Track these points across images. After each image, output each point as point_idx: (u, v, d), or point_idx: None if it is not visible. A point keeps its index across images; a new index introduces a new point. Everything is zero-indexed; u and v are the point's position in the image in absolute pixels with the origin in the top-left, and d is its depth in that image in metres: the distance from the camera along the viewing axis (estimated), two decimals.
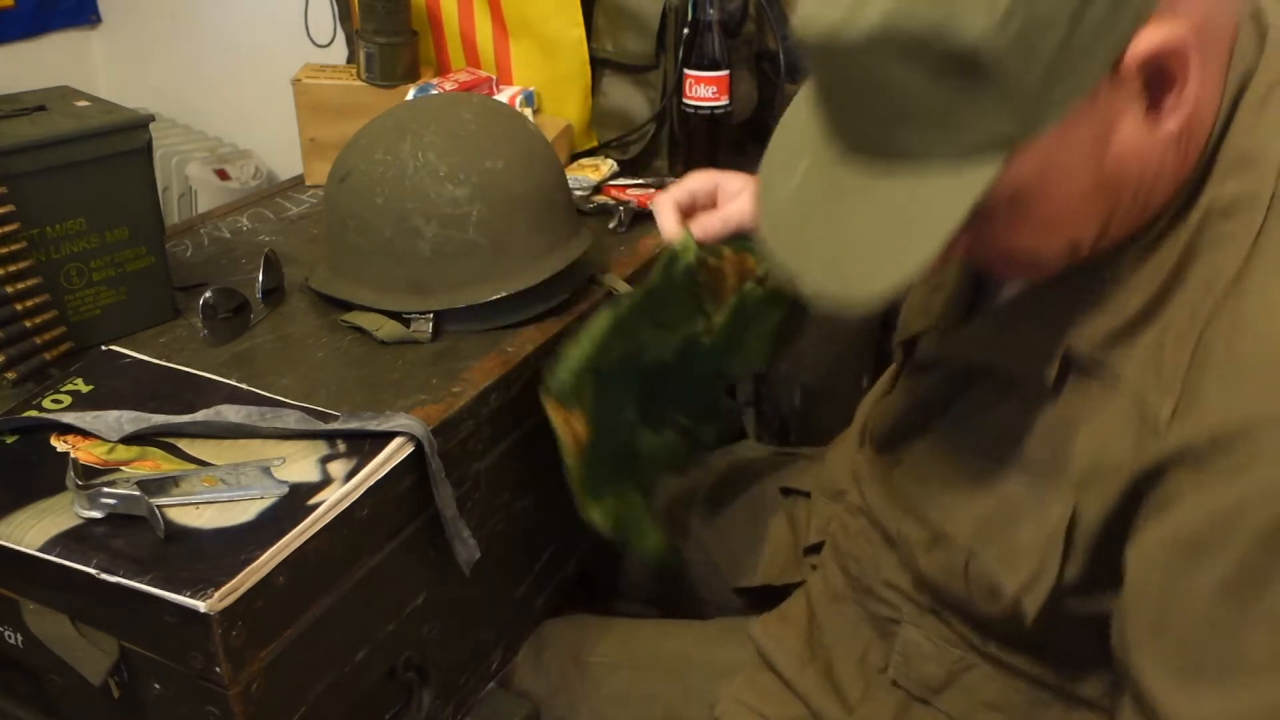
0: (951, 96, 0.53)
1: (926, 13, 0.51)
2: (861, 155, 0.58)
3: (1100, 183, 0.58)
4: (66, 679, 0.75)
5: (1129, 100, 0.56)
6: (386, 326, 0.99)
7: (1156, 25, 0.53)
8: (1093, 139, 0.56)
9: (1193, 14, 0.54)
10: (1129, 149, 0.57)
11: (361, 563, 0.81)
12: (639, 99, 1.43)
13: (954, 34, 0.51)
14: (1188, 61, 0.54)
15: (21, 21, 2.19)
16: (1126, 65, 0.53)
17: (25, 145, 0.89)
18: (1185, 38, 0.53)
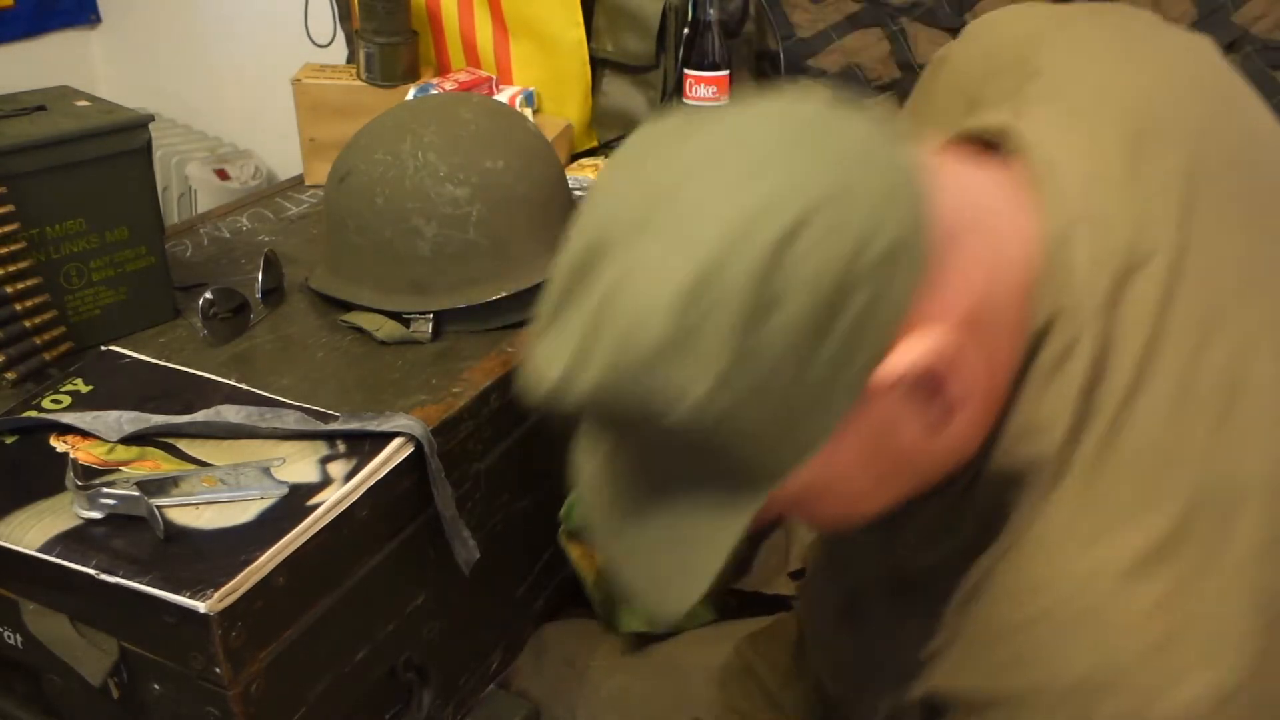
0: (686, 452, 0.50)
1: (632, 389, 0.47)
2: (640, 491, 0.56)
3: (886, 474, 0.56)
4: (66, 679, 0.75)
5: (897, 410, 0.51)
6: (386, 326, 0.99)
7: (910, 340, 0.48)
8: (863, 450, 0.53)
9: (959, 306, 0.50)
10: (909, 448, 0.54)
11: (361, 563, 0.80)
12: (639, 99, 1.43)
13: (663, 413, 0.47)
14: (952, 367, 0.50)
15: (21, 21, 2.18)
16: (878, 387, 0.49)
17: (25, 145, 0.89)
18: (944, 345, 0.49)
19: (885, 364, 0.48)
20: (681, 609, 0.55)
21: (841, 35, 1.48)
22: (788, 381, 0.47)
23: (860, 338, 0.47)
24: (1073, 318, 0.51)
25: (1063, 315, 0.52)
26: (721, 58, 1.35)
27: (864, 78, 1.49)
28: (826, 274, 0.46)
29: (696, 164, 0.48)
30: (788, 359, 0.46)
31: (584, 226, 0.50)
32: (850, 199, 0.46)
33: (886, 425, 0.52)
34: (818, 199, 0.46)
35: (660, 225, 0.47)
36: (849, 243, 0.46)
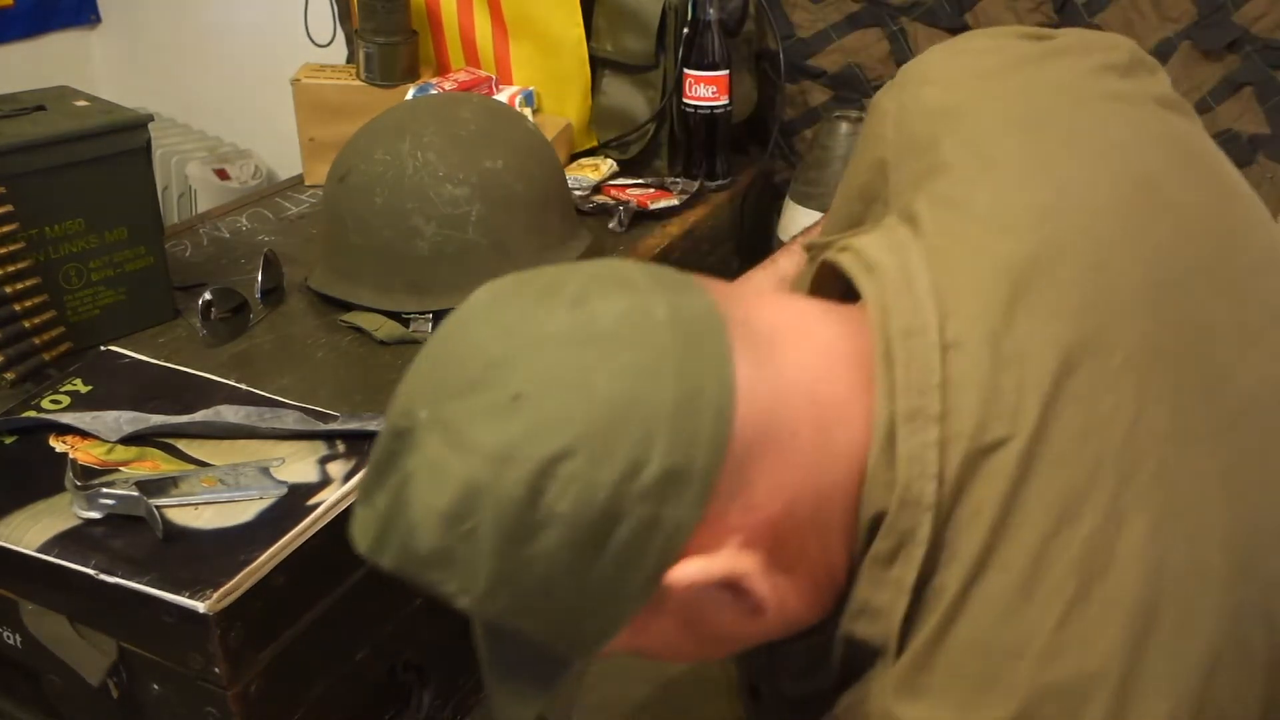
0: (489, 629, 0.53)
1: (418, 580, 0.50)
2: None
3: (709, 642, 0.55)
4: (65, 679, 0.75)
5: (702, 601, 0.51)
6: (386, 326, 0.99)
7: (696, 559, 0.48)
8: (675, 628, 0.52)
9: (757, 517, 0.49)
10: (728, 627, 0.53)
11: (361, 563, 0.80)
12: (639, 99, 1.43)
13: (449, 599, 0.49)
14: (749, 578, 0.49)
15: (21, 21, 2.18)
16: (672, 589, 0.48)
17: (25, 145, 0.89)
18: (733, 563, 0.49)
19: (673, 572, 0.48)
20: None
21: (841, 35, 1.48)
22: (565, 591, 0.47)
23: (637, 556, 0.47)
24: (904, 513, 0.49)
25: (893, 510, 0.49)
26: (721, 57, 1.35)
27: (864, 77, 1.49)
28: (588, 504, 0.45)
29: (484, 372, 0.48)
30: (558, 574, 0.47)
31: (401, 395, 0.52)
32: (621, 428, 0.46)
33: (693, 616, 0.51)
34: (583, 430, 0.45)
35: (447, 427, 0.48)
36: (614, 473, 0.45)
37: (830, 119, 1.40)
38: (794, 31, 1.51)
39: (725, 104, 1.37)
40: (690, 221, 1.31)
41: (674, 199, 1.32)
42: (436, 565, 0.48)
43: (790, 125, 1.57)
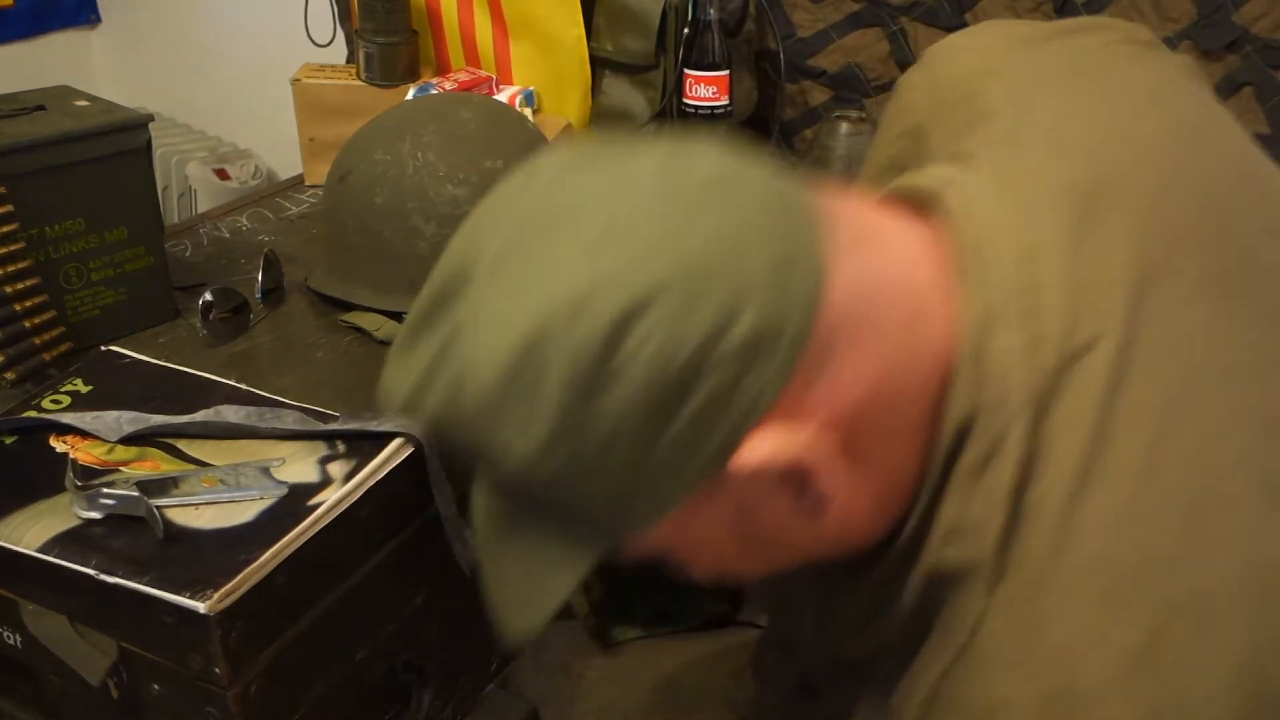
0: (526, 497, 0.49)
1: (464, 431, 0.46)
2: (506, 502, 0.53)
3: (757, 547, 0.53)
4: (66, 679, 0.75)
5: (759, 494, 0.49)
6: (386, 326, 0.99)
7: (768, 435, 0.45)
8: (724, 523, 0.50)
9: (838, 403, 0.47)
10: (780, 528, 0.51)
11: (361, 563, 0.80)
12: (639, 99, 1.43)
13: (497, 461, 0.46)
14: (818, 468, 0.47)
15: (21, 21, 2.19)
16: (732, 474, 0.46)
17: (25, 145, 0.89)
18: (807, 446, 0.46)
19: (738, 454, 0.45)
20: (526, 634, 0.53)
21: (841, 35, 1.48)
22: (624, 455, 0.44)
23: (708, 426, 0.44)
24: (995, 415, 0.47)
25: (984, 412, 0.48)
26: (721, 57, 1.35)
27: (864, 77, 1.49)
28: (668, 358, 0.42)
29: (565, 211, 0.45)
30: (623, 436, 0.44)
31: (453, 251, 0.48)
32: (711, 281, 0.43)
33: (748, 505, 0.49)
34: (671, 277, 0.42)
35: (514, 271, 0.45)
36: (700, 327, 0.42)
37: (830, 119, 1.40)
38: (794, 31, 1.51)
39: (725, 104, 1.37)
40: None
41: None
42: (488, 418, 0.45)
43: (790, 125, 1.57)
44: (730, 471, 0.46)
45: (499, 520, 0.52)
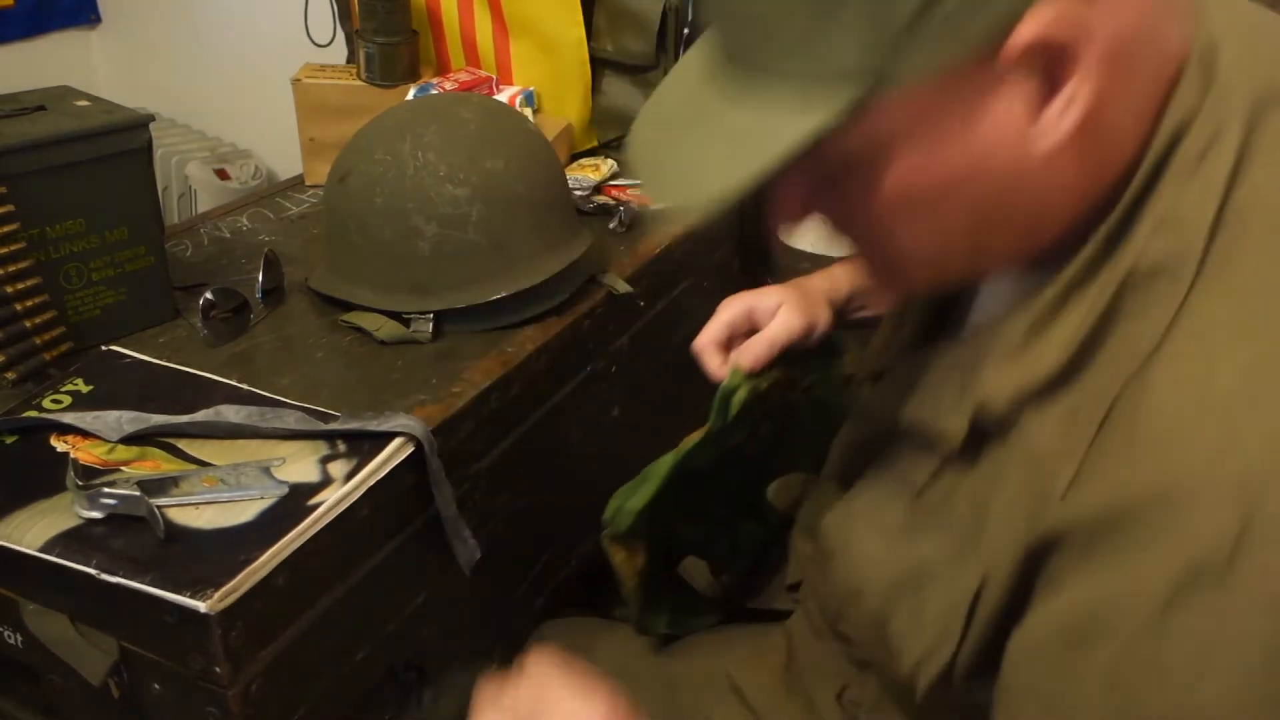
0: (809, 10, 0.49)
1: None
2: (727, 71, 0.56)
3: (963, 177, 0.53)
4: (66, 679, 0.75)
5: (1004, 93, 0.50)
6: (386, 326, 0.99)
7: (1048, 5, 0.47)
8: (956, 121, 0.51)
9: (1110, 15, 0.48)
10: (1000, 151, 0.51)
11: (361, 563, 0.81)
12: (639, 99, 1.43)
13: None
14: (1076, 60, 0.48)
15: (21, 21, 2.19)
16: (1007, 49, 0.48)
17: (25, 145, 0.89)
18: (1078, 30, 0.48)
19: (1023, 23, 0.47)
20: (708, 204, 0.54)
21: None
22: None
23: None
24: (1215, 113, 0.52)
25: (1205, 111, 0.51)
26: None
27: None
28: None
29: None
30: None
31: None
32: None
33: (988, 106, 0.50)
34: None
35: None
36: None
37: None
38: None
39: None
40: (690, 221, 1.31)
41: None
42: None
43: None
44: (1008, 46, 0.48)
45: (716, 85, 0.56)
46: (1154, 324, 0.52)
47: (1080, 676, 0.52)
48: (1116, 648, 0.50)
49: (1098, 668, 0.51)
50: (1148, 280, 0.52)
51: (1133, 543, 0.50)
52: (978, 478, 0.60)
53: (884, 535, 0.67)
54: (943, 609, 0.60)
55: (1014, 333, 0.57)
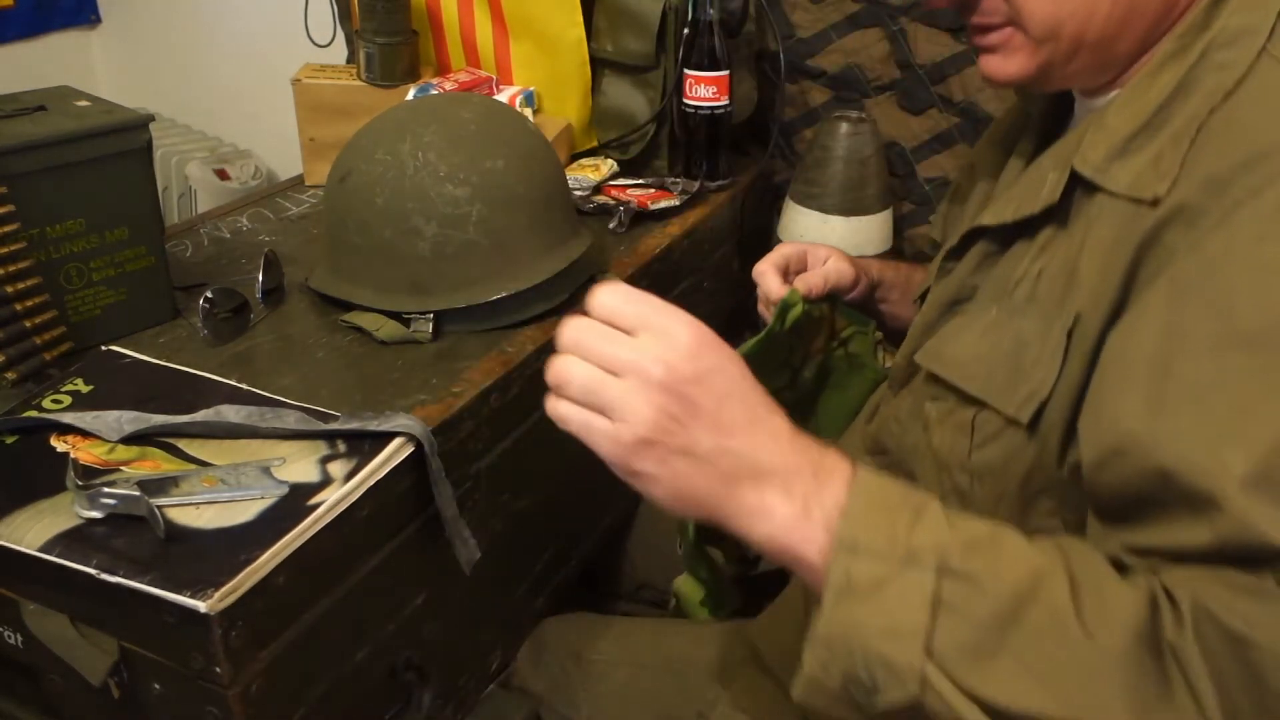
0: None
1: None
2: None
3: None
4: (66, 679, 0.75)
5: None
6: (386, 326, 0.99)
7: None
8: None
9: None
10: None
11: (361, 563, 0.81)
12: (639, 99, 1.43)
13: None
14: None
15: (21, 21, 2.19)
16: None
17: (25, 145, 0.89)
18: None
19: None
20: None
21: (841, 35, 1.49)
22: None
23: None
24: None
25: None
26: (722, 58, 1.35)
27: (864, 78, 1.49)
28: None
29: None
30: None
31: None
32: None
33: None
34: None
35: None
36: None
37: (830, 119, 1.41)
38: (794, 31, 1.51)
39: (725, 104, 1.37)
40: (690, 221, 1.31)
41: (674, 199, 1.32)
42: None
43: (790, 125, 1.57)
44: None
45: None
46: (1235, 70, 0.63)
47: (1185, 315, 0.59)
48: (1220, 283, 0.58)
49: (1201, 303, 0.58)
50: (1230, 41, 0.64)
51: (1237, 198, 0.58)
52: (1068, 240, 0.69)
53: (979, 333, 0.74)
54: (1040, 356, 0.68)
55: (1111, 106, 0.68)
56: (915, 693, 0.56)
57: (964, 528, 0.59)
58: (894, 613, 0.56)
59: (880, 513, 0.59)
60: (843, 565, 0.57)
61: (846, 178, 1.38)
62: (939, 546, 0.57)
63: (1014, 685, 0.55)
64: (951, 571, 0.56)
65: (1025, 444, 0.69)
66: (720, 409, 0.60)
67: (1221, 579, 0.54)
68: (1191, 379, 0.57)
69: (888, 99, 1.49)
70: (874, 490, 0.60)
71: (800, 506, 0.59)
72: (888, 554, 0.57)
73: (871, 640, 0.57)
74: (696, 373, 0.59)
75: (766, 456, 0.60)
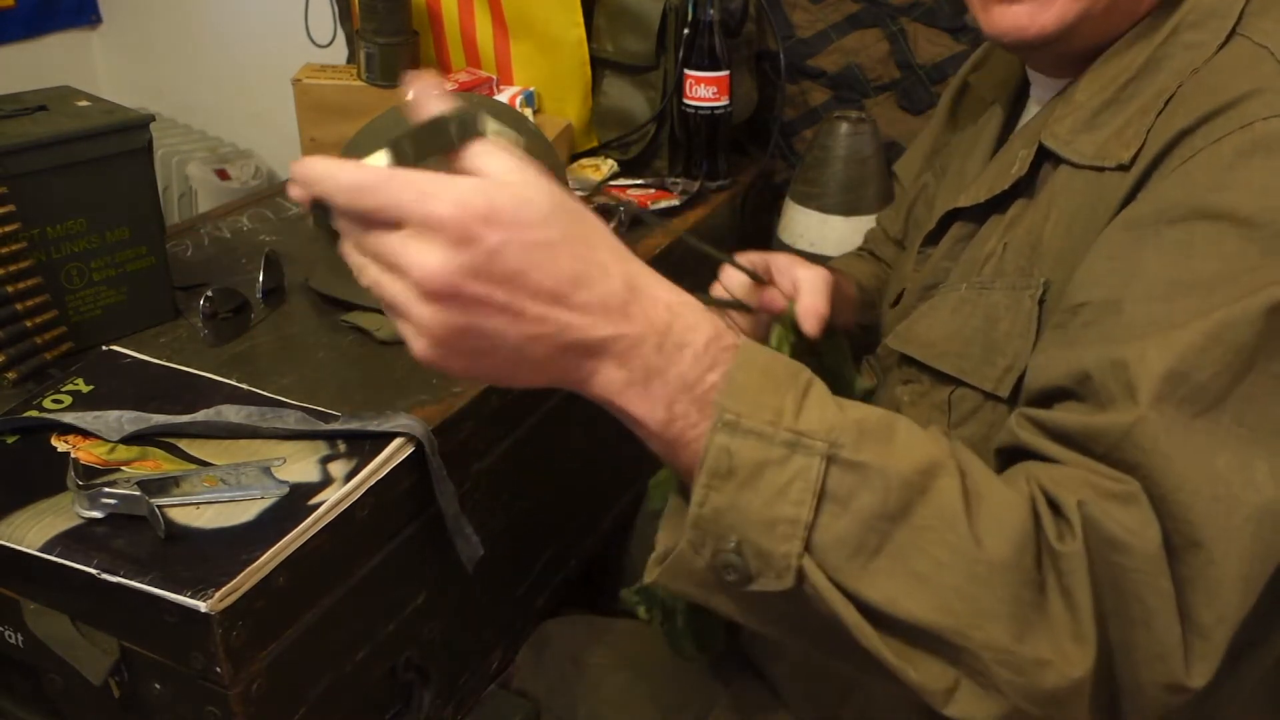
0: None
1: None
2: None
3: None
4: (67, 679, 0.75)
5: None
6: (387, 326, 0.99)
7: None
8: None
9: None
10: None
11: (362, 563, 0.81)
12: (639, 99, 1.43)
13: None
14: None
15: (22, 22, 2.19)
16: None
17: (26, 145, 0.89)
18: None
19: None
20: None
21: (841, 35, 1.49)
22: None
23: None
24: None
25: None
26: (722, 58, 1.35)
27: (864, 78, 1.49)
28: None
29: None
30: None
31: None
32: None
33: None
34: None
35: None
36: None
37: (830, 119, 1.41)
38: (794, 32, 1.51)
39: (725, 104, 1.37)
40: (690, 221, 1.31)
41: (674, 199, 1.32)
42: None
43: (790, 125, 1.57)
44: None
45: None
46: (1204, 50, 0.65)
47: (1139, 254, 0.60)
48: (1177, 231, 0.59)
49: (1154, 247, 0.60)
50: (1198, 22, 0.66)
51: (1200, 137, 0.60)
52: (1034, 212, 0.71)
53: (949, 311, 0.75)
54: (1013, 328, 0.69)
55: (1080, 83, 0.71)
56: (790, 584, 0.52)
57: (854, 409, 0.55)
58: (774, 501, 0.52)
59: (767, 388, 0.54)
60: (721, 444, 0.52)
61: (846, 177, 1.38)
62: (829, 430, 0.53)
63: (894, 585, 0.52)
64: (841, 460, 0.52)
65: (1006, 417, 0.68)
66: (513, 297, 0.50)
67: (1095, 485, 0.54)
68: (1141, 317, 0.58)
69: (888, 99, 1.49)
70: (759, 362, 0.54)
71: (638, 375, 0.53)
72: (772, 435, 0.52)
73: (749, 529, 0.53)
74: (473, 264, 0.50)
75: (587, 332, 0.52)
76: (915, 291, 0.82)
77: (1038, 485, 0.55)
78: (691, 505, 0.53)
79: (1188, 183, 0.60)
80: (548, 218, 0.51)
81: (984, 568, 0.52)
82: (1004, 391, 0.68)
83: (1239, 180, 0.58)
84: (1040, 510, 0.54)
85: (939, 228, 0.82)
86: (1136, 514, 0.52)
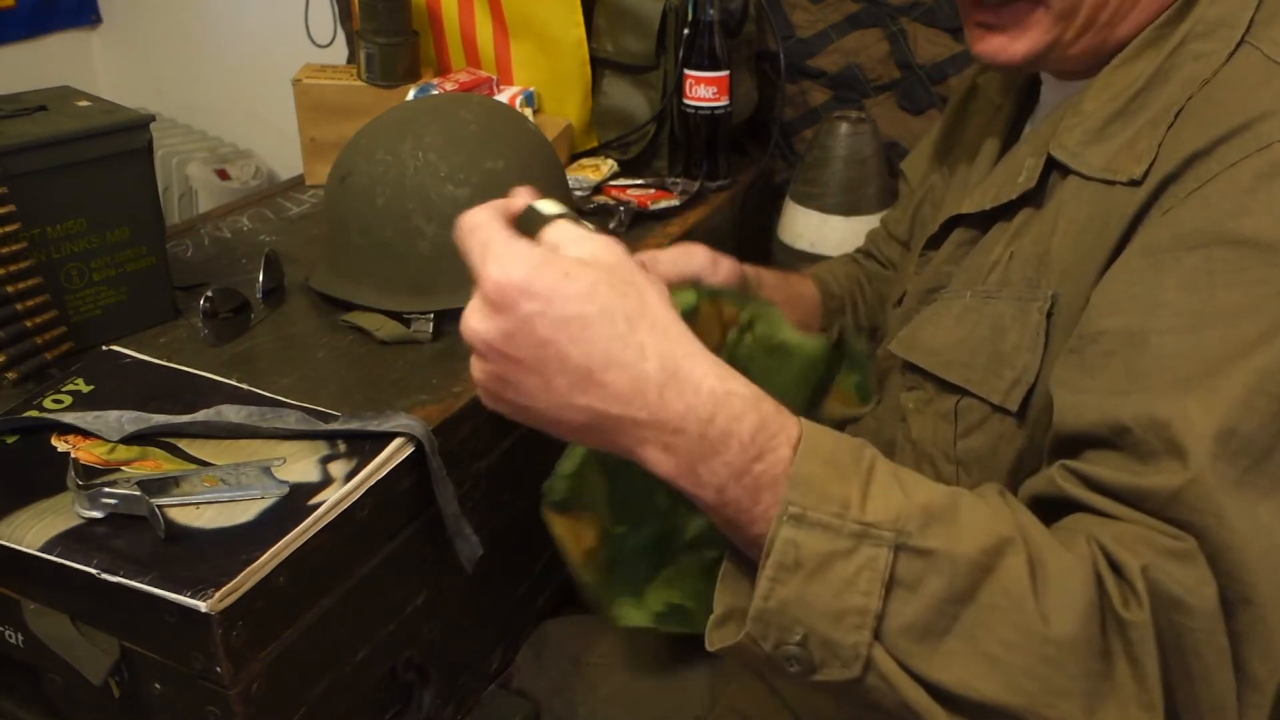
0: None
1: None
2: None
3: None
4: (67, 679, 0.75)
5: None
6: (387, 326, 0.99)
7: None
8: None
9: None
10: None
11: (362, 563, 0.81)
12: (639, 99, 1.43)
13: None
14: None
15: (22, 22, 2.19)
16: None
17: (26, 145, 0.89)
18: None
19: None
20: None
21: (841, 35, 1.49)
22: None
23: None
24: None
25: None
26: (722, 58, 1.35)
27: (864, 78, 1.49)
28: None
29: None
30: None
31: None
32: None
33: None
34: None
35: None
36: None
37: (830, 119, 1.41)
38: (794, 32, 1.51)
39: (725, 104, 1.37)
40: (690, 221, 1.31)
41: (674, 199, 1.32)
42: None
43: (790, 125, 1.57)
44: None
45: None
46: (1213, 60, 0.65)
47: (1161, 284, 0.59)
48: (1197, 257, 0.59)
49: (1176, 275, 0.59)
50: (1207, 32, 0.66)
51: (1215, 160, 0.60)
52: (1042, 222, 0.71)
53: (954, 319, 0.74)
54: (1021, 342, 0.68)
55: (1088, 92, 0.71)
56: (857, 674, 0.52)
57: (918, 491, 0.55)
58: (843, 593, 0.52)
59: (832, 478, 0.53)
60: (788, 537, 0.52)
61: (846, 177, 1.38)
62: (896, 517, 0.53)
63: (964, 667, 0.52)
64: (909, 548, 0.52)
65: (1015, 431, 0.69)
66: (543, 366, 0.54)
67: (1153, 542, 0.53)
68: (1170, 351, 0.57)
69: (888, 99, 1.49)
70: (823, 450, 0.54)
71: (683, 460, 0.54)
72: (840, 528, 0.52)
73: (816, 620, 0.52)
74: (506, 329, 0.55)
75: (616, 412, 0.53)
76: (917, 295, 0.82)
77: (1098, 545, 0.55)
78: (755, 598, 0.53)
79: (1206, 208, 0.59)
80: (586, 293, 0.53)
81: (1053, 648, 0.52)
82: (1012, 405, 0.68)
83: (1260, 205, 0.58)
84: (1103, 573, 0.54)
85: (941, 231, 0.82)
86: (1195, 572, 0.52)
